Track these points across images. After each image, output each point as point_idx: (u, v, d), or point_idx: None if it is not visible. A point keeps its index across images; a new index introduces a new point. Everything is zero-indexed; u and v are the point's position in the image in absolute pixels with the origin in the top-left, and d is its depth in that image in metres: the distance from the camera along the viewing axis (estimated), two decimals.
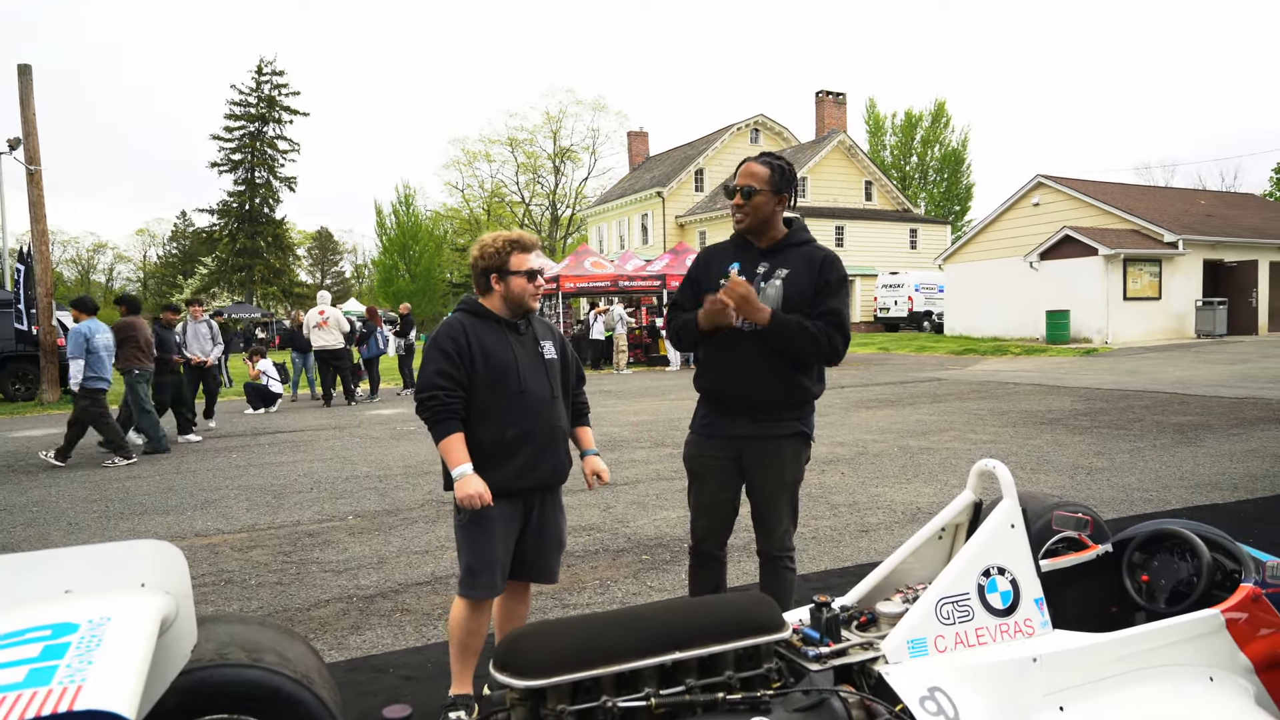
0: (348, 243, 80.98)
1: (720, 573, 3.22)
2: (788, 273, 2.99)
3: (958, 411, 11.44)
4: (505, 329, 3.01)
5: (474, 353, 2.91)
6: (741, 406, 3.03)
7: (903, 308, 33.38)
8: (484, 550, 2.92)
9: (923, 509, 6.04)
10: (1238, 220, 27.34)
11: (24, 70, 16.51)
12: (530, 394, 2.95)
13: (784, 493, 3.07)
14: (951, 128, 52.89)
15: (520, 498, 2.97)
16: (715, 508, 3.12)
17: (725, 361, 3.03)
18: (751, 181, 2.97)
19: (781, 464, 3.04)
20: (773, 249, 3.05)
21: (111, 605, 1.66)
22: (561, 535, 3.14)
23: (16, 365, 17.32)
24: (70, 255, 71.07)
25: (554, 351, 3.11)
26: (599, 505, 6.48)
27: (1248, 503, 6.02)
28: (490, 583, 2.94)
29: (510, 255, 2.99)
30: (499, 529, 2.92)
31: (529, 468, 2.94)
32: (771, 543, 3.10)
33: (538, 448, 2.95)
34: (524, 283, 3.00)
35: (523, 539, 3.01)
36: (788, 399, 3.03)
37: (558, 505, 3.13)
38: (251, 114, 54.86)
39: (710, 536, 3.15)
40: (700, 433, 3.16)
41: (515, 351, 2.98)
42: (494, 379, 2.92)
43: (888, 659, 2.19)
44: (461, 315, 3.04)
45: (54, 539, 6.08)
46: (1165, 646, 2.42)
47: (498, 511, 2.89)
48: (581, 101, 68.37)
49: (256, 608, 4.46)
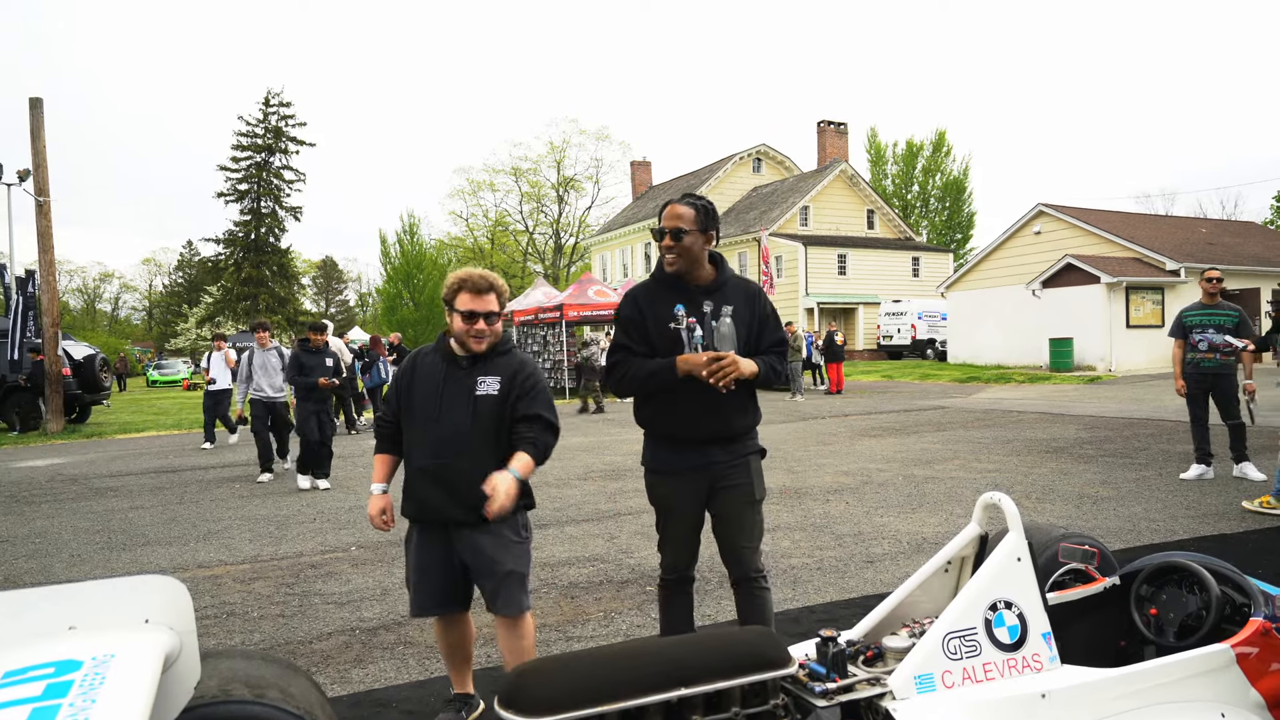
0: (352, 271, 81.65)
1: (691, 598, 3.32)
2: (732, 309, 3.07)
3: (962, 440, 11.40)
4: (444, 361, 3.13)
5: (410, 382, 3.14)
6: (712, 440, 3.09)
7: (906, 336, 33.42)
8: (411, 572, 3.15)
9: (928, 539, 6.00)
10: (1239, 248, 27.41)
11: (35, 103, 16.73)
12: (444, 426, 3.03)
13: (754, 510, 3.16)
14: (953, 157, 53.31)
15: (439, 527, 3.08)
16: (688, 538, 3.20)
17: (693, 402, 3.03)
18: (679, 223, 3.01)
19: (751, 484, 3.14)
20: (710, 287, 3.11)
21: (115, 642, 1.65)
22: (503, 565, 3.04)
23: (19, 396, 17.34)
24: (76, 285, 71.55)
25: (494, 388, 3.05)
26: (603, 536, 6.45)
27: (1255, 533, 5.98)
28: (420, 601, 3.13)
29: (457, 294, 3.07)
30: (417, 553, 3.12)
31: (429, 500, 3.05)
32: (745, 566, 3.17)
33: (439, 481, 3.02)
34: (460, 322, 3.06)
35: (468, 572, 3.13)
36: (750, 423, 3.18)
37: (490, 536, 3.03)
38: (258, 145, 55.39)
39: (684, 564, 3.22)
40: (665, 471, 3.15)
41: (443, 383, 3.08)
42: (414, 409, 3.10)
43: (895, 695, 2.17)
44: (427, 345, 3.27)
45: (56, 571, 6.05)
46: (1175, 682, 2.39)
47: (414, 535, 3.14)
48: (585, 131, 69.29)
49: (259, 640, 4.44)
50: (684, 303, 3.06)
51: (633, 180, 52.22)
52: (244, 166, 55.39)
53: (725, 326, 3.02)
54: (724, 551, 3.21)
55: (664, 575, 3.27)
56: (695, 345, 3.02)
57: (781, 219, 37.76)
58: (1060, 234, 25.88)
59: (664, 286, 3.13)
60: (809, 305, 35.65)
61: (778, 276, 36.90)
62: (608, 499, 7.90)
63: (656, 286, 3.16)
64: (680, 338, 3.03)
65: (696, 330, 3.03)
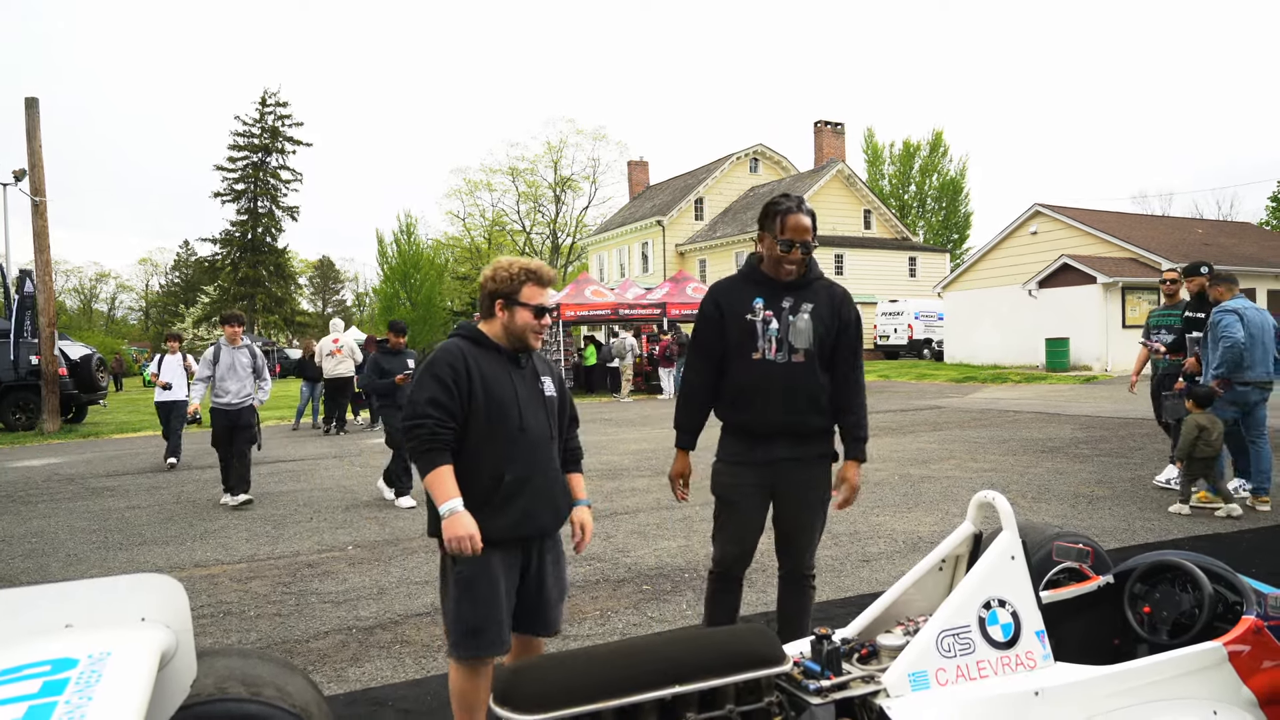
0: (349, 271, 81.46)
1: (740, 595, 3.33)
2: (812, 307, 3.11)
3: (958, 440, 11.42)
4: (507, 360, 2.78)
5: (474, 383, 2.67)
6: (780, 434, 3.11)
7: (902, 335, 33.42)
8: (490, 607, 2.64)
9: (924, 538, 6.01)
10: (1235, 249, 27.48)
11: (31, 103, 16.69)
12: (530, 433, 2.73)
13: (820, 512, 3.19)
14: (949, 157, 53.32)
15: (518, 546, 2.74)
16: (749, 534, 3.20)
17: (764, 395, 3.09)
18: (807, 236, 3.10)
19: (819, 485, 3.17)
20: (794, 284, 3.14)
21: (112, 640, 1.66)
22: (564, 584, 2.93)
23: (19, 395, 17.32)
24: (73, 285, 71.42)
25: (553, 389, 2.91)
26: (599, 535, 6.45)
27: (1249, 533, 6.00)
28: (495, 640, 2.66)
29: (524, 285, 2.77)
30: (501, 583, 2.67)
31: (529, 514, 2.71)
32: (801, 563, 3.22)
33: (538, 492, 2.73)
34: (529, 318, 2.78)
35: (524, 590, 2.79)
36: (824, 423, 3.18)
37: (558, 552, 2.89)
38: (255, 144, 55.36)
39: (741, 562, 3.24)
40: (734, 461, 3.19)
41: (516, 386, 2.76)
42: (493, 414, 2.68)
43: (889, 692, 2.18)
44: (460, 341, 2.79)
45: (53, 570, 6.05)
46: (1168, 680, 2.41)
47: (498, 563, 2.66)
48: (582, 131, 68.75)
49: (255, 639, 4.44)
50: (764, 296, 3.13)
51: (630, 180, 52.18)
52: (240, 166, 55.38)
53: (802, 323, 3.08)
54: (780, 544, 3.25)
55: (713, 567, 3.31)
56: (770, 338, 3.08)
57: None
58: (1057, 234, 25.92)
59: (749, 281, 3.20)
60: None
61: None
62: (604, 498, 7.91)
63: (742, 282, 3.22)
64: (755, 329, 3.09)
65: (772, 323, 3.09)
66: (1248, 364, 6.56)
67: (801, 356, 3.07)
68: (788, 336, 3.07)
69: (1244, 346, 6.49)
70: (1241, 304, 6.69)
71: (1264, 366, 6.63)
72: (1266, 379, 6.66)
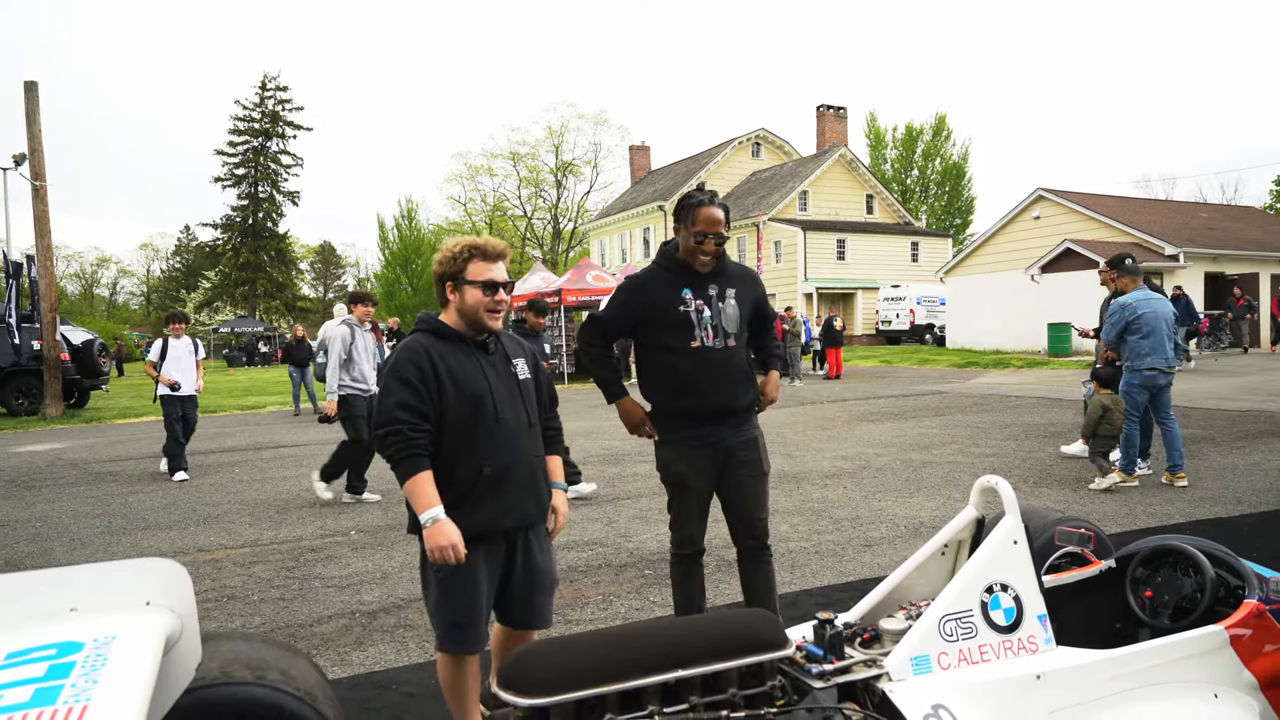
0: (350, 256, 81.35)
1: (702, 571, 3.49)
2: (735, 291, 3.31)
3: (960, 425, 11.42)
4: (473, 349, 2.66)
5: (441, 379, 2.55)
6: (722, 415, 3.28)
7: (904, 321, 33.41)
8: (469, 604, 2.59)
9: (926, 523, 6.03)
10: (1239, 233, 27.37)
11: (30, 87, 16.63)
12: (507, 422, 2.63)
13: (763, 484, 3.38)
14: (952, 141, 53.07)
15: (502, 538, 2.65)
16: (701, 512, 3.37)
17: (709, 380, 3.24)
18: (720, 228, 3.24)
19: (760, 459, 3.36)
20: (713, 272, 3.30)
21: (117, 624, 1.66)
22: (553, 574, 2.82)
23: (22, 380, 17.36)
24: (74, 270, 71.39)
25: (527, 371, 2.79)
26: (601, 520, 6.47)
27: (1250, 517, 6.00)
28: (478, 634, 2.62)
29: (468, 262, 2.62)
30: (483, 578, 2.60)
31: (510, 507, 2.62)
32: (756, 535, 3.38)
33: (519, 482, 2.64)
34: (479, 295, 2.61)
35: (510, 583, 2.70)
36: (753, 400, 3.39)
37: (543, 542, 2.78)
38: (255, 129, 55.16)
39: (697, 538, 3.40)
40: (684, 444, 3.31)
41: (487, 375, 2.64)
42: (466, 407, 2.57)
43: (891, 676, 2.19)
44: (421, 336, 2.65)
45: (57, 555, 6.08)
46: (1170, 663, 2.42)
47: (480, 558, 2.57)
48: (583, 115, 68.26)
49: (259, 624, 4.46)
50: (690, 287, 3.26)
51: (631, 165, 52.02)
52: (241, 151, 55.20)
53: (730, 309, 3.28)
54: (735, 524, 3.39)
55: (677, 550, 3.42)
56: (705, 326, 3.23)
57: (781, 204, 37.66)
58: (1060, 219, 25.82)
59: (670, 273, 3.32)
60: (808, 290, 35.62)
61: (776, 261, 36.88)
62: (606, 483, 7.92)
63: (661, 273, 3.34)
64: (690, 319, 3.23)
65: (705, 312, 3.24)
66: (1146, 351, 6.95)
67: (734, 340, 3.28)
68: (721, 323, 3.25)
69: (1112, 343, 7.16)
70: (1141, 295, 7.12)
71: (1161, 354, 6.99)
72: (1166, 365, 7.04)
